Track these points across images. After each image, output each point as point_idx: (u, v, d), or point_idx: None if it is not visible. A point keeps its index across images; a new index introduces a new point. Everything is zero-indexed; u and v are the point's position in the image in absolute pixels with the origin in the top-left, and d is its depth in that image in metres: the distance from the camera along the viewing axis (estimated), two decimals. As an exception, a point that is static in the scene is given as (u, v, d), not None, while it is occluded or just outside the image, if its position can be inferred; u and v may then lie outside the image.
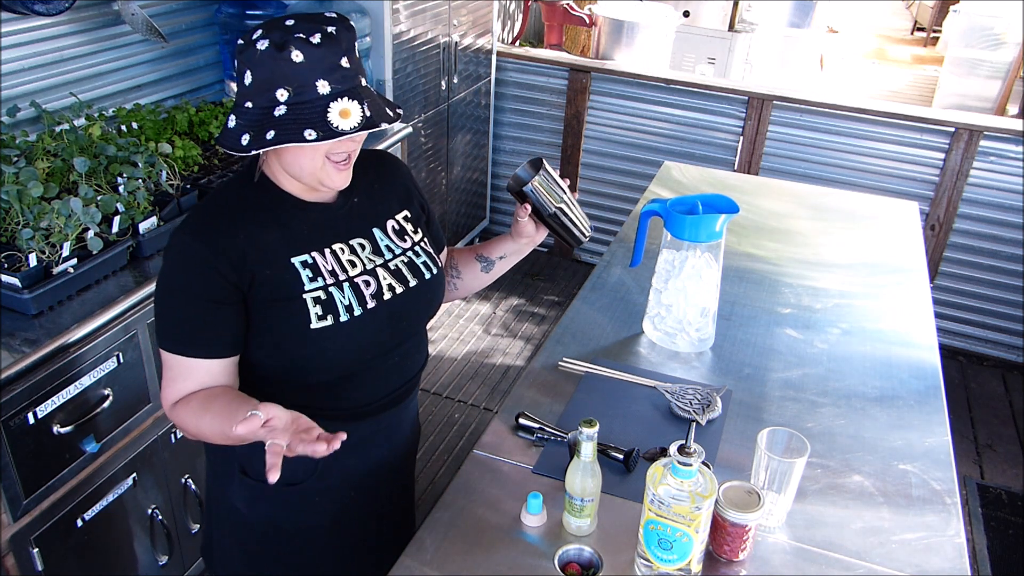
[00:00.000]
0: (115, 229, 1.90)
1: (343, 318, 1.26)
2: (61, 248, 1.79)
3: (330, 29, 1.15)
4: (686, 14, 4.76)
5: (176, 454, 2.07)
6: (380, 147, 2.74)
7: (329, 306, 1.26)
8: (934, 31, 9.21)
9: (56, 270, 1.76)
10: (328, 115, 1.13)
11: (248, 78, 1.16)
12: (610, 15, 4.10)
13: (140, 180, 2.03)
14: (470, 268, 1.59)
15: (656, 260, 1.82)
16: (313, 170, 1.21)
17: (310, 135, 1.12)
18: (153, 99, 2.69)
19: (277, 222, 1.26)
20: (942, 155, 3.49)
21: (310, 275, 1.26)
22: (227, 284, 1.21)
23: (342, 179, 1.24)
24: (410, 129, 3.09)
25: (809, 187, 2.89)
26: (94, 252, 1.83)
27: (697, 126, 3.85)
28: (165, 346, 1.25)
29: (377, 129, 1.16)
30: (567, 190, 1.47)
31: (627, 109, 3.95)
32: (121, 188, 2.00)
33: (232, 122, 1.19)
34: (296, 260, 1.26)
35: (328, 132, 1.13)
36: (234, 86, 2.88)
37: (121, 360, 1.82)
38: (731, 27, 4.84)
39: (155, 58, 2.69)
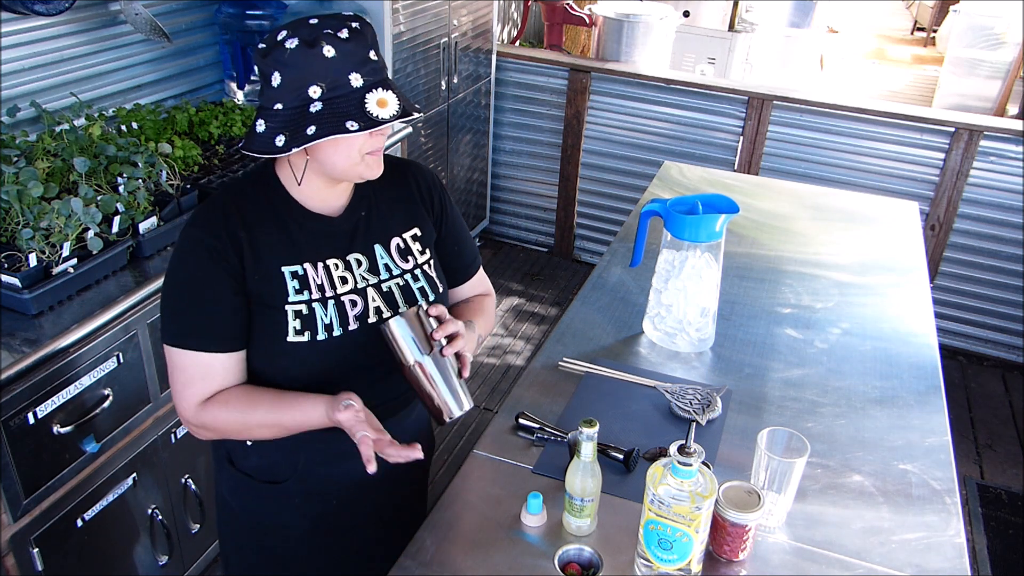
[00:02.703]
0: (115, 229, 1.90)
1: (320, 336, 1.25)
2: (61, 248, 1.79)
3: (355, 25, 1.17)
4: (686, 14, 4.76)
5: (176, 454, 2.07)
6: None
7: (308, 322, 1.25)
8: (934, 31, 9.21)
9: (56, 270, 1.76)
10: (366, 106, 1.14)
11: (276, 79, 1.16)
12: (610, 15, 4.10)
13: (140, 180, 2.03)
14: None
15: (656, 260, 1.82)
16: (351, 164, 1.21)
17: (352, 126, 1.13)
18: (153, 99, 2.69)
19: (278, 227, 1.26)
20: (942, 155, 3.49)
21: (297, 287, 1.25)
22: (233, 274, 1.22)
23: (378, 168, 1.25)
24: (410, 129, 3.09)
25: (809, 187, 2.89)
26: (94, 252, 1.83)
27: (697, 126, 3.85)
28: (176, 342, 1.23)
29: (411, 119, 1.17)
30: (448, 353, 1.24)
31: (627, 109, 3.95)
32: (121, 188, 2.00)
33: (261, 126, 1.18)
34: (287, 269, 1.25)
35: (369, 122, 1.14)
36: (235, 86, 2.90)
37: (121, 360, 1.82)
38: (731, 27, 4.84)
39: (155, 58, 2.69)
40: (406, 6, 3.13)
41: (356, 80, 1.15)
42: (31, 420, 1.64)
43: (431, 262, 1.40)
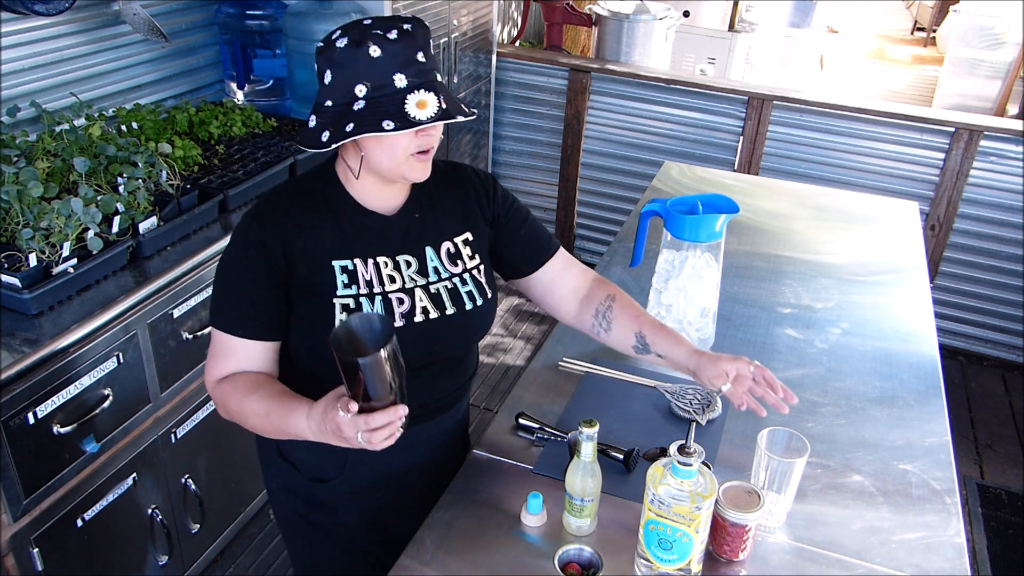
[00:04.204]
0: (115, 229, 1.90)
1: None
2: (61, 248, 1.79)
3: (406, 27, 1.18)
4: (686, 14, 4.76)
5: (176, 454, 2.07)
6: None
7: None
8: (934, 31, 9.21)
9: (56, 270, 1.76)
10: (406, 106, 1.16)
11: (328, 77, 1.20)
12: (610, 15, 4.10)
13: (140, 180, 2.03)
14: (623, 335, 1.46)
15: (656, 260, 1.82)
16: (396, 164, 1.23)
17: (388, 125, 1.15)
18: (153, 99, 2.69)
19: (332, 221, 1.29)
20: (942, 155, 3.49)
21: (346, 281, 1.27)
22: (274, 265, 1.25)
23: (424, 171, 1.26)
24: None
25: (809, 187, 2.89)
26: (94, 252, 1.83)
27: (697, 126, 3.85)
28: (213, 321, 1.29)
29: (454, 121, 1.19)
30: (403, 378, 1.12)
31: (627, 109, 3.95)
32: (121, 188, 1.99)
33: (312, 122, 1.23)
34: (336, 263, 1.28)
35: (405, 122, 1.15)
36: (235, 86, 2.90)
37: (121, 360, 1.82)
38: (731, 27, 4.84)
39: (155, 58, 2.69)
40: (406, 6, 3.13)
41: (400, 81, 1.17)
42: (31, 420, 1.64)
43: (481, 267, 1.39)
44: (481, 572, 1.24)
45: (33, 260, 1.73)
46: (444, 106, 1.18)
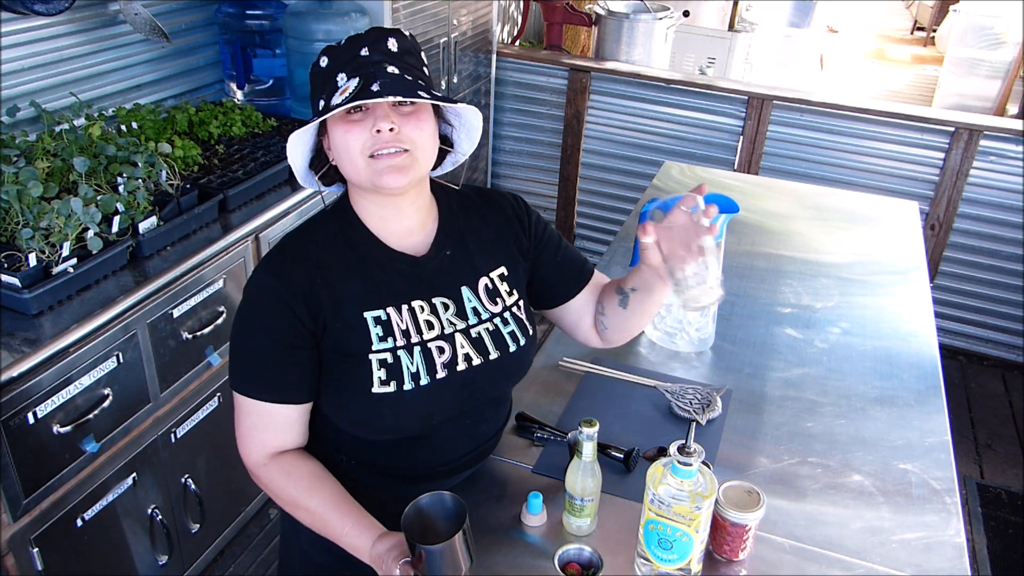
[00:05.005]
0: (115, 229, 1.89)
1: (407, 386, 1.17)
2: (61, 248, 1.78)
3: (355, 31, 1.18)
4: (686, 14, 4.76)
5: (176, 454, 2.07)
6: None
7: (394, 371, 1.17)
8: (934, 31, 9.21)
9: (56, 270, 1.75)
10: (333, 99, 1.12)
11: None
12: (610, 15, 4.10)
13: (140, 180, 2.03)
14: (611, 303, 1.38)
15: (656, 260, 1.82)
16: (358, 170, 1.14)
17: (312, 122, 1.13)
18: (153, 99, 2.69)
19: (358, 270, 1.20)
20: (942, 155, 3.49)
21: (380, 333, 1.18)
22: (302, 327, 1.16)
23: (393, 176, 1.13)
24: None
25: (809, 187, 2.89)
26: (94, 252, 1.83)
27: (697, 126, 3.85)
28: (240, 388, 1.19)
29: (385, 100, 1.08)
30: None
31: (627, 109, 3.95)
32: (121, 188, 1.99)
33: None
34: (369, 315, 1.18)
35: (322, 111, 1.12)
36: (234, 86, 2.90)
37: (121, 360, 1.82)
38: (731, 27, 4.84)
39: (155, 58, 2.69)
40: (406, 6, 3.13)
41: (341, 79, 1.13)
42: (31, 420, 1.63)
43: (520, 303, 1.31)
44: (481, 572, 1.24)
45: (33, 260, 1.72)
46: (377, 89, 1.07)
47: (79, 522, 1.82)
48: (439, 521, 1.10)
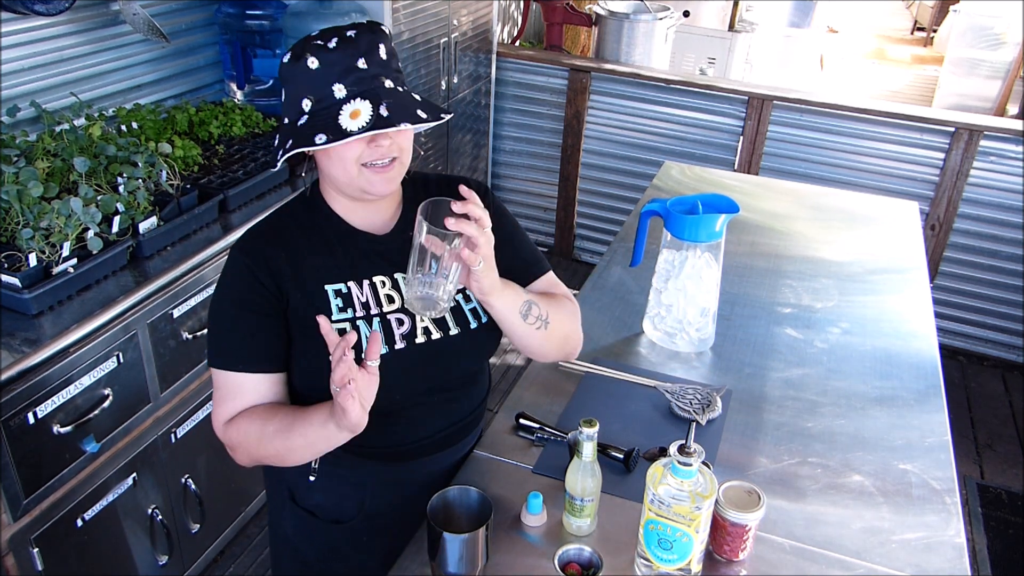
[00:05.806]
0: (115, 229, 1.90)
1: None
2: (61, 248, 1.79)
3: (349, 33, 1.14)
4: (686, 14, 4.76)
5: (176, 454, 2.08)
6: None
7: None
8: (934, 31, 9.21)
9: (56, 270, 1.76)
10: (339, 118, 1.11)
11: (283, 94, 1.19)
12: (610, 15, 4.10)
13: (140, 180, 2.03)
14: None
15: (656, 260, 1.82)
16: (350, 178, 1.17)
17: (320, 139, 1.11)
18: (153, 99, 2.69)
19: (323, 246, 1.24)
20: (942, 155, 3.49)
21: (340, 305, 1.23)
22: (267, 293, 1.20)
23: (383, 185, 1.19)
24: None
25: (809, 187, 2.89)
26: (94, 252, 1.83)
27: (697, 126, 3.85)
28: (214, 363, 1.23)
29: (394, 129, 1.11)
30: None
31: (627, 109, 3.95)
32: (121, 188, 2.00)
33: (277, 140, 1.20)
34: (330, 288, 1.23)
35: (337, 134, 1.11)
36: (234, 86, 2.90)
37: (121, 360, 1.82)
38: (731, 27, 4.84)
39: (155, 58, 2.69)
40: (406, 6, 3.13)
41: (339, 91, 1.13)
42: (31, 420, 1.64)
43: None
44: (481, 572, 1.24)
45: (33, 260, 1.73)
46: (386, 113, 1.11)
47: (79, 522, 1.82)
48: (463, 517, 1.14)
